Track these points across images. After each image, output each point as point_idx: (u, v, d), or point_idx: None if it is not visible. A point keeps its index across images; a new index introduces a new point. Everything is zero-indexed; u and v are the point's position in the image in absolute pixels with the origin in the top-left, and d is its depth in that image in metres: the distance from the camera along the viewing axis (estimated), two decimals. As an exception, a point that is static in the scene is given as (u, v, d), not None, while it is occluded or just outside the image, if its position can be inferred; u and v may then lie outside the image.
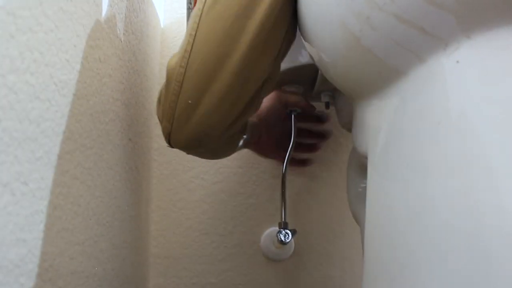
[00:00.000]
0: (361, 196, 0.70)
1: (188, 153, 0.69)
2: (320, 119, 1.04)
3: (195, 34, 0.58)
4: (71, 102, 0.49)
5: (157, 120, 1.06)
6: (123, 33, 0.71)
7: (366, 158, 0.52)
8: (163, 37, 1.13)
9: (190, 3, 0.76)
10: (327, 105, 0.86)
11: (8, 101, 0.36)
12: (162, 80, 1.10)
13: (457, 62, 0.38)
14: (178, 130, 0.61)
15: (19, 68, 0.37)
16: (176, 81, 0.59)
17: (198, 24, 0.58)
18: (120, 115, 0.69)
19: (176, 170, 1.06)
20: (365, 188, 0.66)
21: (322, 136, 1.05)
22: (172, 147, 0.64)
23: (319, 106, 1.05)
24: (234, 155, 0.92)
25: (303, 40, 0.60)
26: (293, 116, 0.91)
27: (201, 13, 0.58)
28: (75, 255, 0.51)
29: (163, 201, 1.05)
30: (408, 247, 0.39)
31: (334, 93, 0.85)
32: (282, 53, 0.63)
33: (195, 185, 1.06)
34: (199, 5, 0.58)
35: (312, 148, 1.04)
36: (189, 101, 0.58)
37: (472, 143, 0.35)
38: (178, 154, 1.06)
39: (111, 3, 0.64)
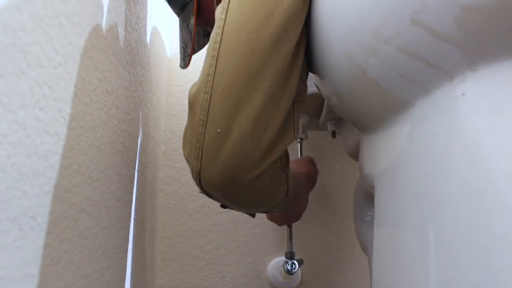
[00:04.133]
0: (369, 225, 0.69)
1: (224, 199, 0.59)
2: None
3: (218, 55, 0.53)
4: (78, 135, 0.49)
5: (163, 150, 1.08)
6: (131, 65, 0.72)
7: (373, 187, 0.52)
8: (169, 66, 1.14)
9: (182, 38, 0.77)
10: (334, 134, 0.87)
11: (18, 137, 0.36)
12: (169, 109, 1.12)
13: (463, 94, 0.38)
14: (208, 165, 0.53)
15: (28, 103, 0.38)
16: (201, 110, 0.53)
17: (220, 43, 0.53)
18: (126, 146, 0.69)
19: (182, 199, 1.06)
20: (372, 217, 0.66)
21: None
22: (204, 190, 0.56)
23: (325, 135, 1.06)
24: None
25: (310, 71, 0.60)
26: None
27: (222, 31, 0.53)
28: (81, 288, 0.51)
29: (169, 231, 1.05)
30: (416, 279, 0.39)
31: (340, 122, 0.85)
32: (305, 70, 0.59)
33: (201, 215, 1.06)
34: (218, 23, 0.54)
35: None
36: (218, 130, 0.52)
37: (479, 175, 0.35)
38: (184, 184, 1.06)
39: (120, 36, 0.65)
